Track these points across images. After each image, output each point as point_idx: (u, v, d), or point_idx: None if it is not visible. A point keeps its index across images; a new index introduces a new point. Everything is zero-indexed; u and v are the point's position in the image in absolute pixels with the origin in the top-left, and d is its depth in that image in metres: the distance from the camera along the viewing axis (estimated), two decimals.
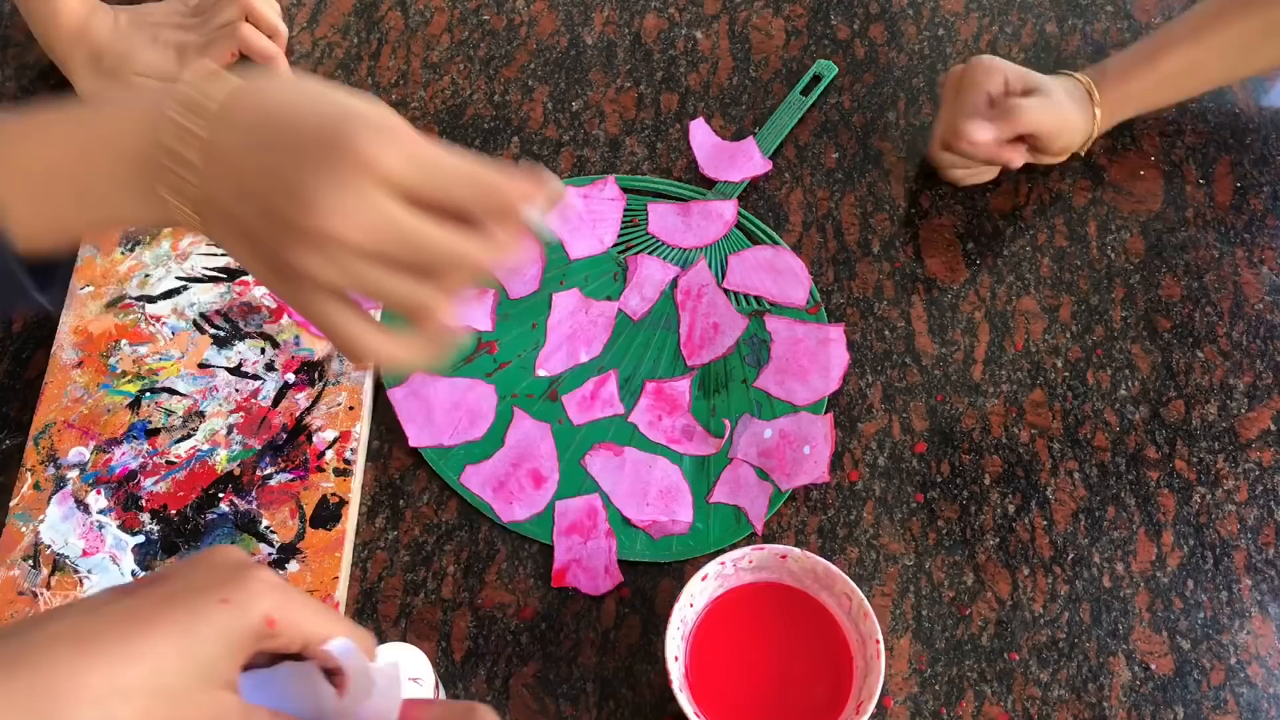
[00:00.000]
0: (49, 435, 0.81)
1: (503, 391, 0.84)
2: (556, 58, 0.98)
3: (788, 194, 0.91)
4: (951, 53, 0.97)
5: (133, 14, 0.91)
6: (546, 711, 0.74)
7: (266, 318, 0.85)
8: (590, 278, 0.88)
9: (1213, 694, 0.75)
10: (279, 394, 0.82)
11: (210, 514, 0.79)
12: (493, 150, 0.93)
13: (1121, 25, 0.98)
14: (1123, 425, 0.83)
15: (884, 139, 0.93)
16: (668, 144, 0.94)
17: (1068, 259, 0.89)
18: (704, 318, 0.86)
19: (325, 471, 0.80)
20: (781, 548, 0.72)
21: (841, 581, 0.71)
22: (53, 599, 0.75)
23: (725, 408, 0.83)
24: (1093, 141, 0.88)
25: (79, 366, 0.83)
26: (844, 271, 0.88)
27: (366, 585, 0.78)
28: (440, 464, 0.81)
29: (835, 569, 0.72)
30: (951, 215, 0.90)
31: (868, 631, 0.70)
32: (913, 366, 0.85)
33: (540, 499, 0.80)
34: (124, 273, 0.86)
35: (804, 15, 0.99)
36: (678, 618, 0.71)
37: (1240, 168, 0.92)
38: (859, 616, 0.71)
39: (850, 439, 0.82)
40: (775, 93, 0.96)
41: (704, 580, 0.72)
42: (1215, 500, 0.80)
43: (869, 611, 0.70)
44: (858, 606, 0.71)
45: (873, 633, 0.70)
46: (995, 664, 0.76)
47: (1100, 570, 0.78)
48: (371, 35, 0.99)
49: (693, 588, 0.72)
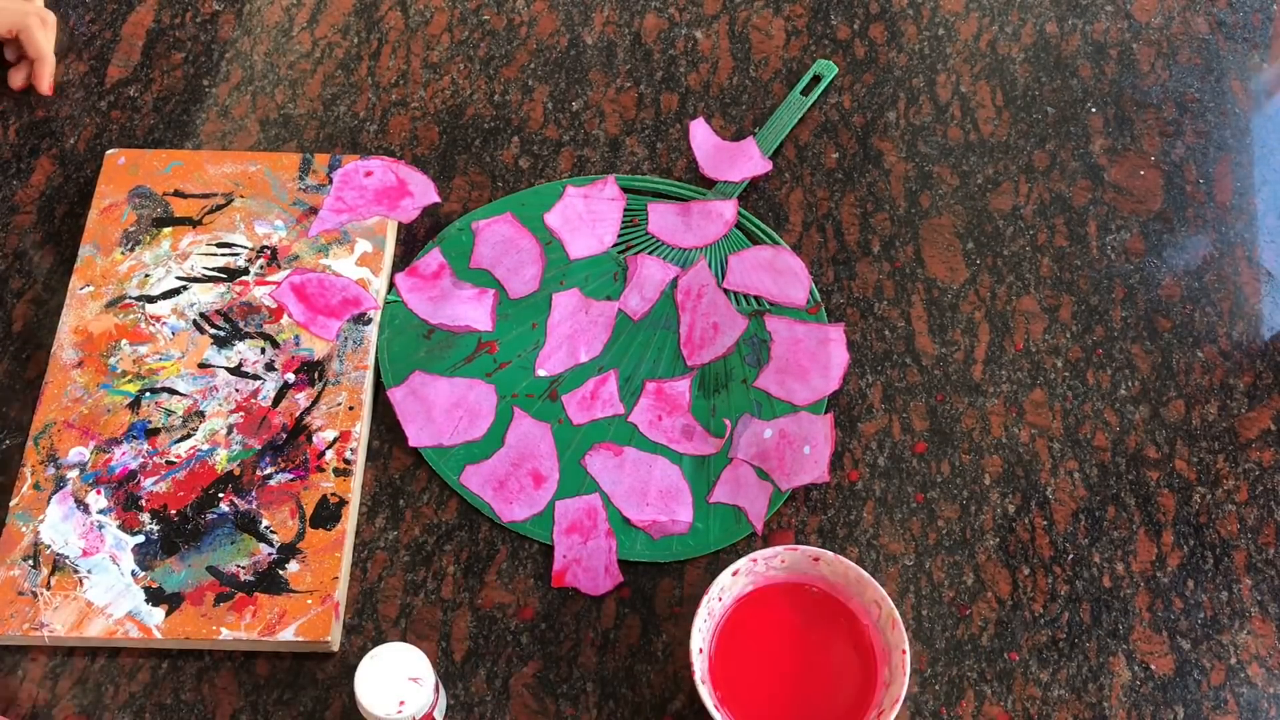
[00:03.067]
0: (49, 435, 0.81)
1: (503, 391, 0.84)
2: (556, 58, 0.98)
3: (788, 194, 0.91)
4: (951, 53, 0.97)
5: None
6: (546, 711, 0.74)
7: (266, 318, 0.85)
8: (590, 278, 0.88)
9: (1213, 694, 0.75)
10: (279, 394, 0.82)
11: (210, 514, 0.79)
12: (493, 150, 0.93)
13: (1121, 25, 0.98)
14: (1123, 425, 0.83)
15: (884, 139, 0.93)
16: (668, 144, 0.94)
17: (1068, 259, 0.89)
18: (704, 318, 0.86)
19: (325, 471, 0.80)
20: (815, 550, 0.72)
21: (873, 589, 0.71)
22: (53, 599, 0.76)
23: (725, 408, 0.83)
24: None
25: (79, 366, 0.83)
26: (844, 271, 0.88)
27: (366, 585, 0.78)
28: (440, 464, 0.81)
29: (868, 576, 0.71)
30: (951, 215, 0.90)
31: (895, 641, 0.70)
32: (913, 366, 0.85)
33: (540, 499, 0.80)
34: (124, 273, 0.86)
35: (804, 15, 0.99)
36: (705, 610, 0.71)
37: (1240, 168, 0.92)
38: (887, 625, 0.71)
39: (850, 439, 0.82)
40: (775, 93, 0.96)
41: (735, 575, 0.72)
42: (1215, 500, 0.80)
43: (897, 620, 0.70)
44: (886, 615, 0.71)
45: (899, 642, 0.70)
46: (995, 664, 0.76)
47: (1100, 570, 0.78)
48: (371, 35, 0.99)
49: (723, 581, 0.71)
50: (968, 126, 0.94)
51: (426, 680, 0.69)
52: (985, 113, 0.94)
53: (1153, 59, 0.97)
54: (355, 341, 0.84)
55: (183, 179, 0.90)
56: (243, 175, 0.90)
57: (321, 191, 0.89)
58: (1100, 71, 0.96)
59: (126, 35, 0.99)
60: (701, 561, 0.79)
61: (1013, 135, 0.93)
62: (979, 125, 0.94)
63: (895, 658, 0.70)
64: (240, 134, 0.94)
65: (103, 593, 0.76)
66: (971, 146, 0.93)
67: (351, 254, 0.87)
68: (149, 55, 0.98)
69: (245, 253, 0.87)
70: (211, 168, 0.90)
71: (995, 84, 0.95)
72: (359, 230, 0.88)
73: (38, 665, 0.76)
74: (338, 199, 0.89)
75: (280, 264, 0.87)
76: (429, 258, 0.88)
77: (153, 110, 0.95)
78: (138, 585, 0.76)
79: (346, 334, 0.84)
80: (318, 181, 0.90)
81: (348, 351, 0.84)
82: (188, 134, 0.94)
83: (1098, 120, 0.94)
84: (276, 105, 0.95)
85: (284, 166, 0.90)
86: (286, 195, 0.89)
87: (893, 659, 0.70)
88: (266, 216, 0.88)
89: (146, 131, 0.94)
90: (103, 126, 0.94)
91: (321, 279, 0.86)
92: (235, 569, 0.77)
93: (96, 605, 0.75)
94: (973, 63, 0.96)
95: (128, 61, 0.97)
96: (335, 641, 0.76)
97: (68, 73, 0.97)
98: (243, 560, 0.77)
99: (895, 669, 0.70)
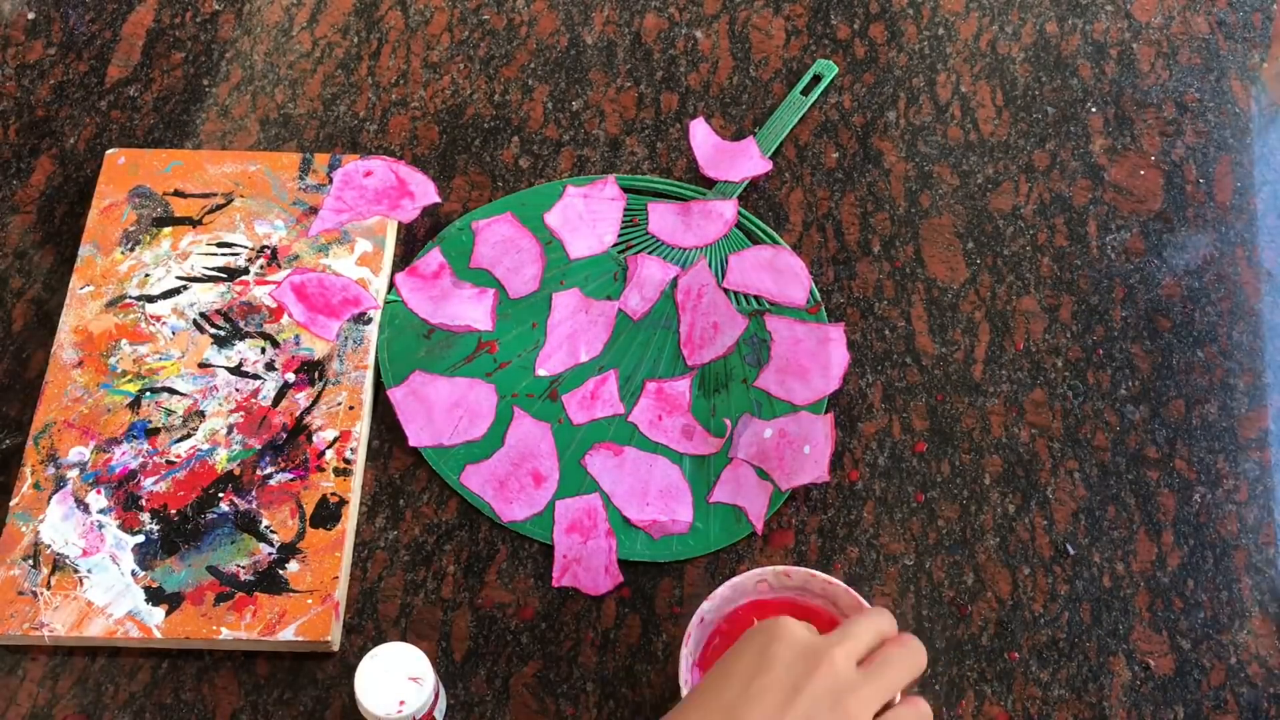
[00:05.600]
0: (49, 435, 0.81)
1: (503, 391, 0.84)
2: (556, 57, 0.98)
3: (788, 194, 0.91)
4: (951, 52, 0.97)
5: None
6: (546, 711, 0.74)
7: (266, 317, 0.85)
8: (590, 277, 0.88)
9: (1213, 694, 0.75)
10: (279, 394, 0.82)
11: (210, 514, 0.79)
12: (493, 150, 0.93)
13: (1121, 25, 0.98)
14: (1123, 425, 0.83)
15: (884, 139, 0.93)
16: (668, 144, 0.94)
17: (1068, 259, 0.89)
18: (704, 317, 0.86)
19: (325, 471, 0.80)
20: (804, 571, 0.71)
21: (857, 606, 0.70)
22: (53, 599, 0.75)
23: (725, 407, 0.83)
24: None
25: (79, 366, 0.83)
26: (844, 271, 0.88)
27: (366, 585, 0.78)
28: (440, 464, 0.81)
29: (838, 582, 0.70)
30: (951, 215, 0.90)
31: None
32: (913, 366, 0.85)
33: (540, 499, 0.80)
34: (124, 273, 0.86)
35: (804, 15, 0.99)
36: (694, 639, 0.70)
37: (1240, 168, 0.92)
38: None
39: (850, 439, 0.82)
40: (775, 93, 0.96)
41: (720, 597, 0.71)
42: (1215, 500, 0.80)
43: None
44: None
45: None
46: (995, 664, 0.76)
47: (1100, 570, 0.78)
48: (371, 35, 0.99)
49: (704, 609, 0.70)
50: (968, 126, 0.94)
51: (426, 680, 0.69)
52: (985, 112, 0.94)
53: (1153, 59, 0.97)
54: (355, 341, 0.84)
55: (183, 179, 0.90)
56: (243, 175, 0.90)
57: (321, 191, 0.89)
58: (1100, 71, 0.96)
59: (126, 35, 0.99)
60: (701, 561, 0.79)
61: (1013, 135, 0.93)
62: (979, 125, 0.94)
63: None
64: (240, 134, 0.94)
65: (103, 592, 0.76)
66: (971, 146, 0.93)
67: (351, 254, 0.87)
68: (149, 55, 0.98)
69: (245, 252, 0.87)
70: (211, 167, 0.90)
71: (995, 84, 0.95)
72: (359, 230, 0.88)
73: (38, 665, 0.76)
74: (338, 199, 0.89)
75: (280, 264, 0.87)
76: (429, 257, 0.88)
77: (153, 110, 0.95)
78: (138, 585, 0.76)
79: (346, 334, 0.84)
80: (318, 181, 0.90)
81: (348, 351, 0.84)
82: (188, 134, 0.94)
83: (1098, 120, 0.94)
84: (276, 105, 0.95)
85: (284, 166, 0.90)
86: (286, 195, 0.89)
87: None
88: (266, 216, 0.88)
89: (146, 131, 0.94)
90: (103, 126, 0.94)
91: (321, 279, 0.86)
92: (235, 569, 0.77)
93: (96, 605, 0.75)
94: (973, 63, 0.96)
95: (128, 61, 0.97)
96: (335, 641, 0.76)
97: (68, 73, 0.97)
98: (243, 560, 0.77)
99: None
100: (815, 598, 0.72)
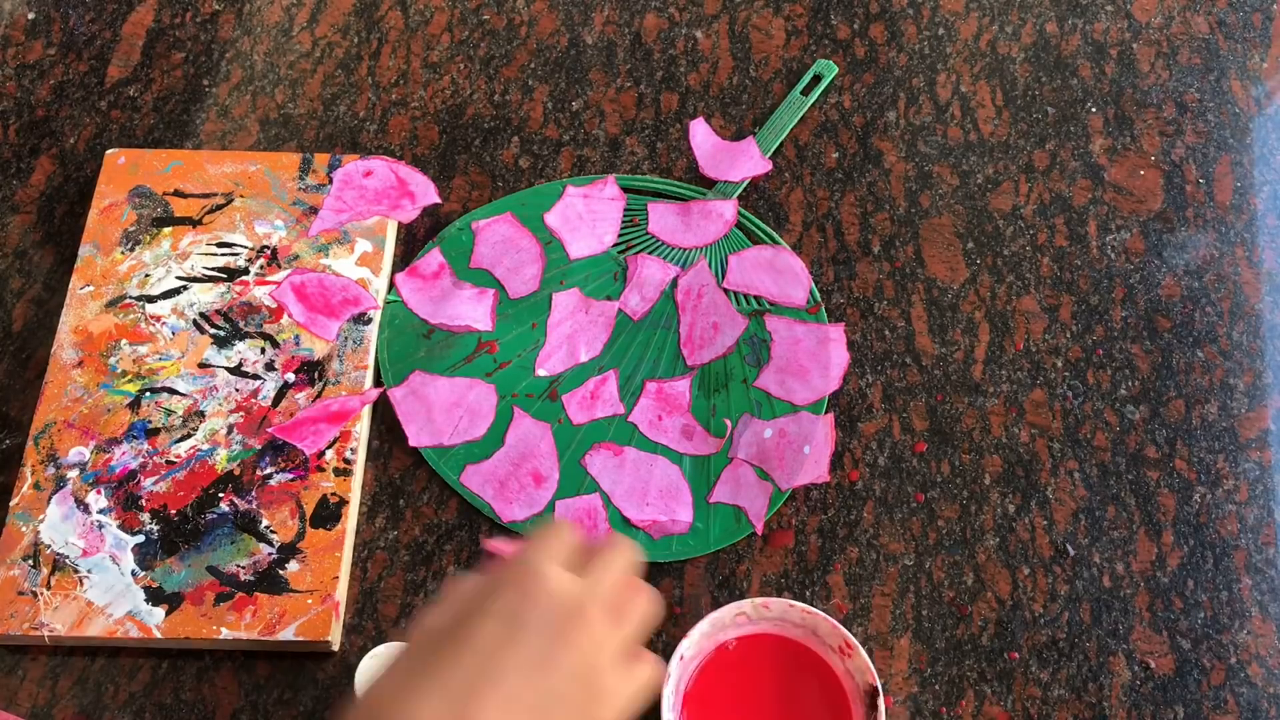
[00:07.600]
0: (49, 435, 0.81)
1: (503, 391, 0.84)
2: (556, 57, 0.98)
3: (788, 194, 0.91)
4: (951, 52, 0.97)
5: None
6: None
7: (266, 317, 0.85)
8: (590, 278, 0.88)
9: (1213, 694, 0.75)
10: (279, 394, 0.82)
11: (210, 514, 0.79)
12: (493, 150, 0.93)
13: (1121, 25, 0.98)
14: (1123, 425, 0.83)
15: (884, 139, 0.93)
16: (668, 144, 0.94)
17: (1068, 259, 0.89)
18: (704, 317, 0.86)
19: (325, 471, 0.80)
20: (783, 602, 0.72)
21: (838, 635, 0.71)
22: (53, 599, 0.75)
23: (725, 407, 0.83)
24: None
25: (79, 366, 0.83)
26: (844, 271, 0.88)
27: (366, 585, 0.78)
28: (440, 464, 0.81)
29: (820, 613, 0.71)
30: (951, 215, 0.90)
31: (859, 667, 0.70)
32: (913, 366, 0.85)
33: (540, 499, 0.80)
34: (124, 272, 0.86)
35: (804, 15, 0.99)
36: (675, 679, 0.70)
37: (1240, 168, 0.92)
38: (859, 670, 0.71)
39: (850, 439, 0.82)
40: (775, 93, 0.96)
41: (700, 634, 0.71)
42: (1215, 500, 0.80)
43: (854, 643, 0.70)
44: (860, 664, 0.70)
45: (865, 668, 0.70)
46: (995, 664, 0.76)
47: (1100, 570, 0.78)
48: (371, 35, 0.99)
49: (682, 647, 0.70)
50: (968, 126, 0.94)
51: None
52: (985, 113, 0.94)
53: (1153, 59, 0.97)
54: (355, 341, 0.84)
55: (183, 179, 0.90)
56: (243, 175, 0.90)
57: (321, 191, 0.89)
58: (1100, 71, 0.96)
59: (126, 35, 0.99)
60: (701, 561, 0.79)
61: (1013, 135, 0.93)
62: (979, 125, 0.94)
63: (861, 684, 0.70)
64: (240, 134, 0.94)
65: (103, 592, 0.76)
66: (971, 146, 0.93)
67: (351, 254, 0.87)
68: (149, 55, 0.98)
69: (245, 252, 0.87)
70: (211, 167, 0.90)
71: (995, 84, 0.95)
72: (359, 230, 0.88)
73: (38, 665, 0.76)
74: (338, 199, 0.89)
75: (280, 264, 0.87)
76: (429, 258, 0.88)
77: (153, 110, 0.95)
78: (138, 585, 0.76)
79: (346, 334, 0.84)
80: (318, 181, 0.90)
81: (348, 351, 0.84)
82: (188, 134, 0.94)
83: (1098, 120, 0.94)
84: (276, 105, 0.95)
85: (284, 166, 0.90)
86: (286, 195, 0.89)
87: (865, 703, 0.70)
88: (266, 216, 0.88)
89: (146, 131, 0.94)
90: (103, 126, 0.94)
91: (321, 279, 0.86)
92: (235, 569, 0.77)
93: (96, 605, 0.75)
94: (973, 63, 0.96)
95: (128, 61, 0.97)
96: (335, 641, 0.76)
97: (68, 73, 0.97)
98: (243, 560, 0.77)
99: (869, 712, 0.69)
100: (795, 628, 0.72)
